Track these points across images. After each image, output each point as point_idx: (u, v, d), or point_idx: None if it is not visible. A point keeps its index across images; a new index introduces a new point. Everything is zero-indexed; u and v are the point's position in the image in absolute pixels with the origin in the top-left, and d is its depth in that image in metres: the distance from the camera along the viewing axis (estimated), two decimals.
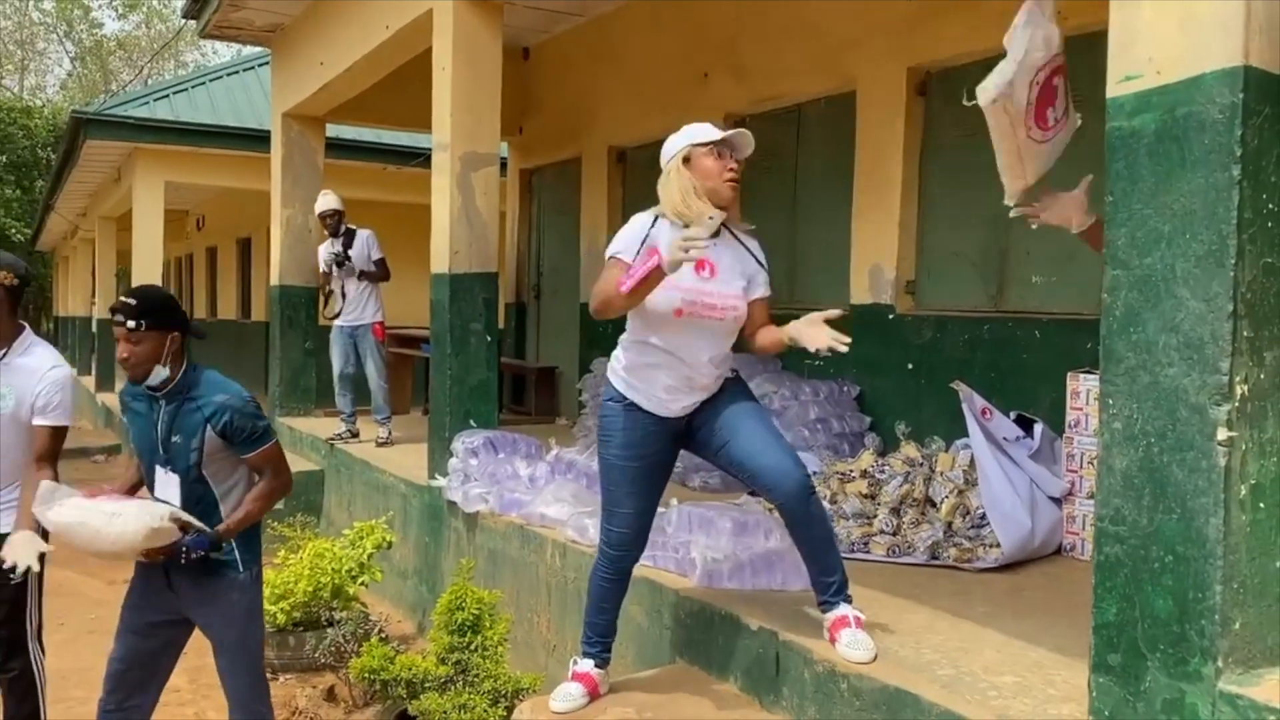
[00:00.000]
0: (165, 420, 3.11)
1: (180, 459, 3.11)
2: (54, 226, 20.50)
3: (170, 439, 3.10)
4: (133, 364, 3.07)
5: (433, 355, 5.61)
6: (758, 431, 3.04)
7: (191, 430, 3.09)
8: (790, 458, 3.01)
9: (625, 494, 3.11)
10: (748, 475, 3.09)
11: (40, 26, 39.70)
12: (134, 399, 3.20)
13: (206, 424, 3.08)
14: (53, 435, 3.48)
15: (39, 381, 3.46)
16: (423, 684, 3.90)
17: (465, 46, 5.29)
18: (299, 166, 8.32)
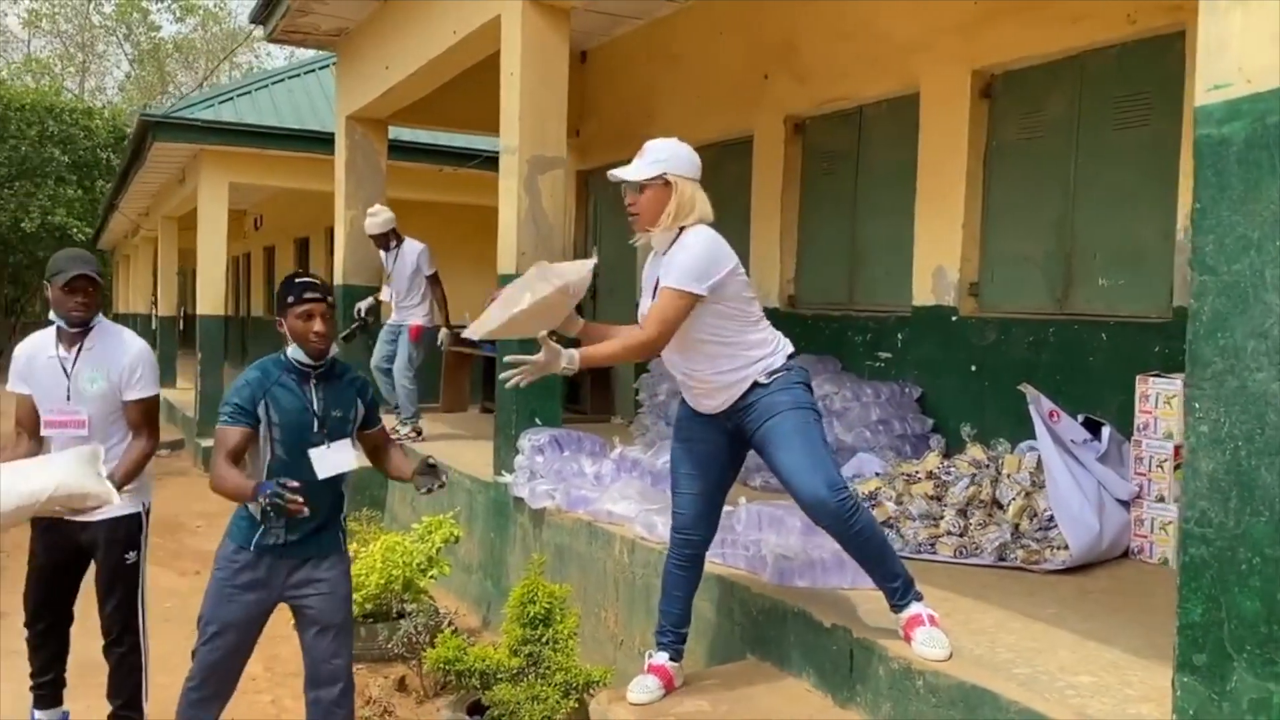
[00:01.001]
0: (321, 398, 3.27)
1: (337, 431, 3.30)
2: (116, 226, 20.98)
3: (330, 414, 3.28)
4: (327, 339, 3.27)
5: (498, 354, 5.71)
6: (792, 450, 3.02)
7: (348, 403, 3.34)
8: (820, 482, 2.96)
9: (681, 475, 3.28)
10: (785, 487, 3.15)
11: (100, 30, 40.58)
12: (279, 384, 3.29)
13: (358, 397, 3.36)
14: (145, 405, 3.78)
15: (123, 360, 3.73)
16: (495, 675, 3.99)
17: (533, 52, 5.39)
18: (362, 168, 8.47)
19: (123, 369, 3.73)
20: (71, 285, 3.65)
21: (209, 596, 3.43)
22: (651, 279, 3.19)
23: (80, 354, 3.72)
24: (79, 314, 3.67)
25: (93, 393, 3.70)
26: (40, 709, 3.94)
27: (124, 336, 3.85)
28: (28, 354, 3.79)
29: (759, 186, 6.90)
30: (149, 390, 3.80)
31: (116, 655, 3.81)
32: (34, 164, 26.69)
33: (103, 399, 3.71)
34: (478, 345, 9.17)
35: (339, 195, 8.57)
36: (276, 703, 4.63)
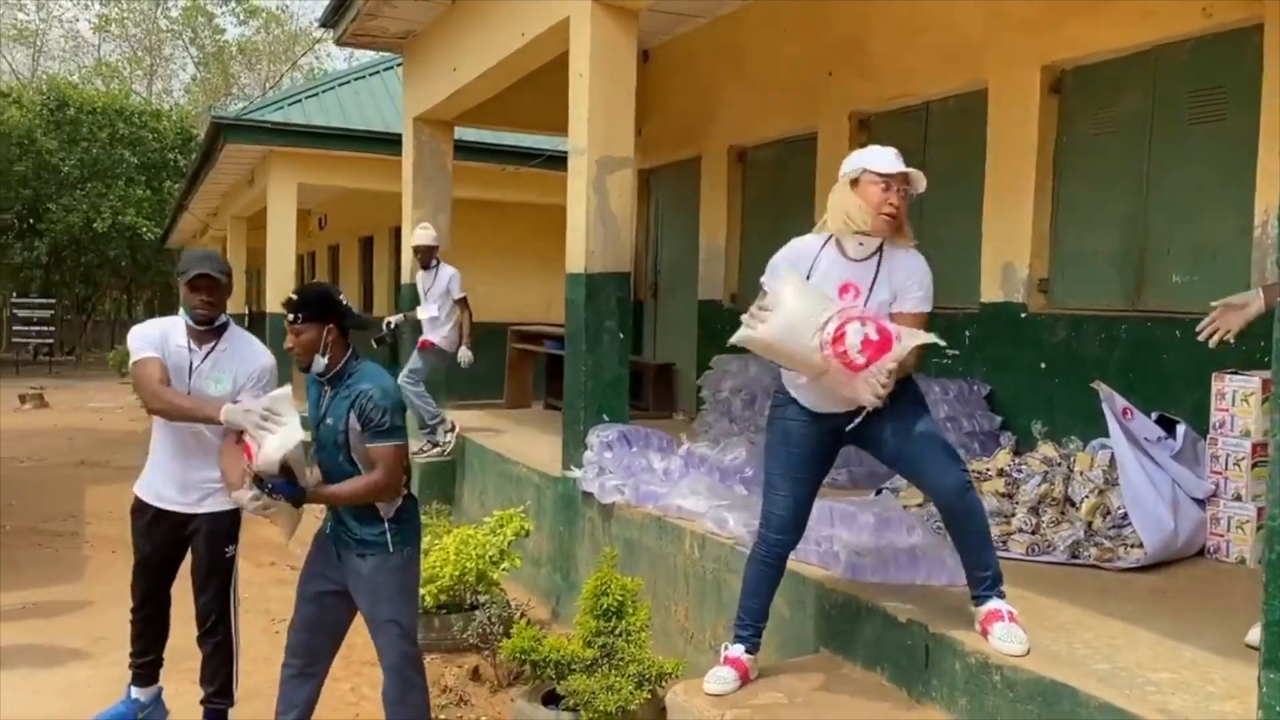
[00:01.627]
0: (325, 404, 3.38)
1: (327, 439, 3.37)
2: (185, 225, 21.52)
3: (324, 421, 3.37)
4: (297, 353, 3.36)
5: (567, 352, 5.81)
6: (927, 442, 3.14)
7: (340, 414, 3.35)
8: (950, 456, 3.14)
9: (782, 479, 3.29)
10: (911, 473, 3.23)
11: (167, 33, 41.55)
12: (310, 385, 3.46)
13: (350, 409, 3.33)
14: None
15: (249, 367, 3.85)
16: (569, 666, 4.08)
17: (602, 53, 5.47)
18: (429, 169, 8.63)
19: (250, 375, 3.83)
20: (194, 284, 3.79)
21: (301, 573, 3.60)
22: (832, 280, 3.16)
23: (210, 355, 3.84)
24: (203, 311, 3.81)
25: (214, 393, 3.78)
26: (138, 686, 4.11)
27: (255, 345, 3.96)
28: (162, 331, 3.87)
29: (823, 184, 6.90)
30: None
31: (211, 644, 3.96)
32: (105, 165, 27.48)
33: (221, 401, 3.77)
34: (540, 342, 9.31)
35: (406, 195, 8.73)
36: (355, 690, 4.76)
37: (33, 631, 5.51)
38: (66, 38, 41.66)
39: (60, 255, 30.38)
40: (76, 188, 27.20)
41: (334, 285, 3.77)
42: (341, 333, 3.38)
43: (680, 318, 8.99)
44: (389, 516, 3.41)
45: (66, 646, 5.26)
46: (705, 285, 8.45)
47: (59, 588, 6.39)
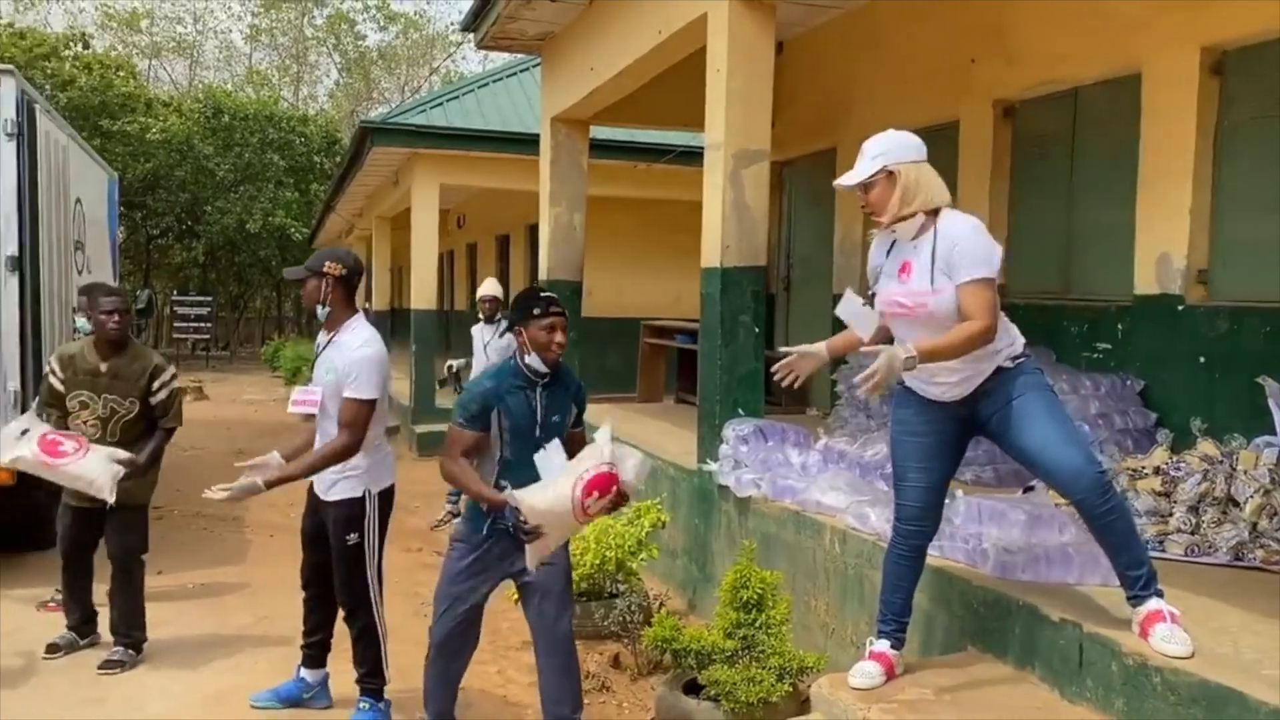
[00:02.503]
0: (543, 403, 3.54)
1: (556, 433, 3.58)
2: (331, 226, 22.45)
3: (550, 418, 3.56)
4: (560, 349, 3.56)
5: (702, 346, 5.85)
6: (1045, 425, 3.08)
7: (565, 408, 3.62)
8: (1080, 453, 3.05)
9: (908, 468, 3.30)
10: (1038, 470, 3.15)
11: (312, 41, 43.33)
12: (509, 392, 3.58)
13: (572, 401, 3.63)
14: (352, 406, 3.98)
15: (348, 358, 4.01)
16: (710, 656, 4.12)
17: (740, 47, 5.48)
18: (565, 167, 8.78)
19: (345, 366, 4.01)
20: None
21: (444, 573, 3.73)
22: (895, 263, 3.23)
23: (328, 345, 4.13)
24: (308, 302, 4.18)
25: (325, 381, 4.07)
26: (307, 668, 4.36)
27: (357, 338, 4.08)
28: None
29: (965, 173, 6.76)
30: (360, 394, 3.97)
31: (356, 629, 4.15)
32: (256, 169, 28.87)
33: (331, 388, 4.06)
34: (672, 336, 9.38)
35: (543, 194, 8.91)
36: (502, 673, 4.92)
37: (203, 610, 5.87)
38: (220, 48, 43.95)
39: (216, 255, 32.09)
40: (231, 191, 28.67)
41: (536, 285, 4.01)
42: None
43: (814, 311, 8.92)
44: None
45: (234, 624, 5.60)
46: (840, 278, 8.37)
47: (223, 569, 6.79)
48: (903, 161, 3.17)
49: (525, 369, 3.57)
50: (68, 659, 4.95)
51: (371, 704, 4.13)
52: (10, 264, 6.04)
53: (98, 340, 4.83)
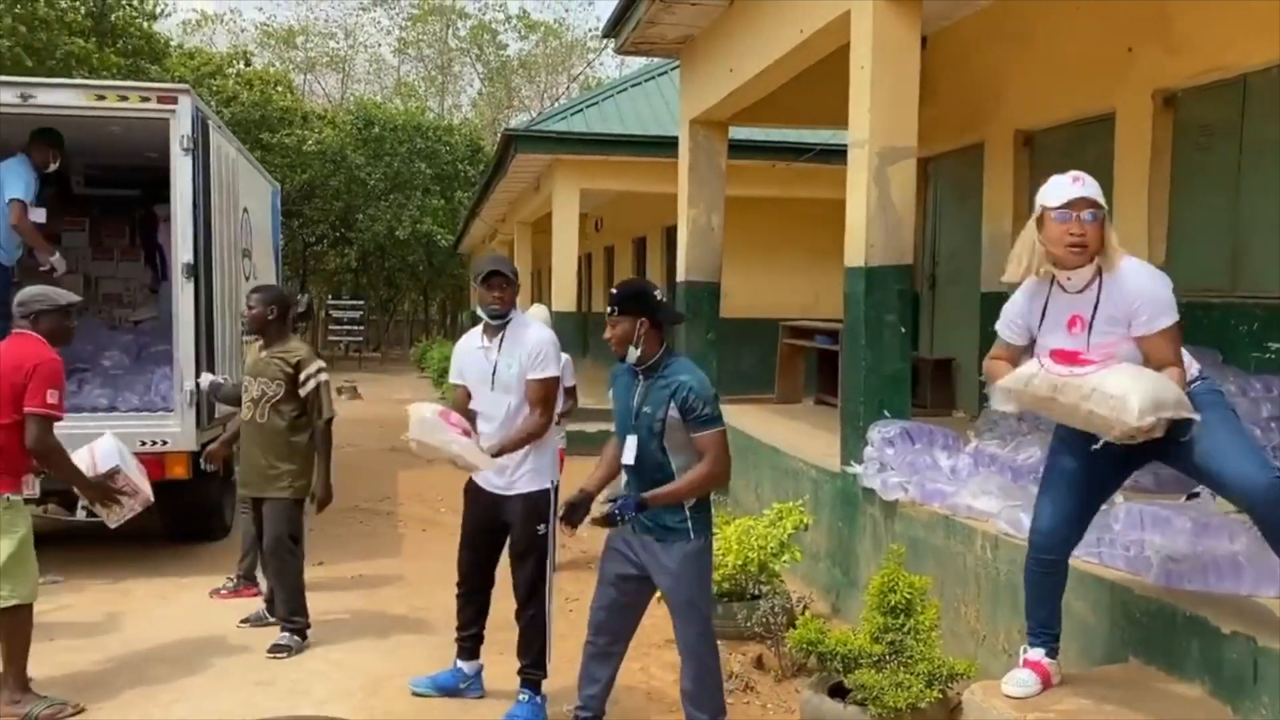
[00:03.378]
0: (640, 393, 3.58)
1: (645, 427, 3.56)
2: (476, 231, 23.10)
3: (641, 409, 3.57)
4: (612, 343, 3.61)
5: (845, 347, 5.79)
6: (1216, 434, 2.95)
7: (658, 403, 3.55)
8: (1254, 460, 2.93)
9: (1053, 482, 3.21)
10: (1209, 479, 3.03)
11: (456, 52, 44.67)
12: (621, 374, 3.71)
13: (670, 399, 3.52)
14: (541, 385, 4.23)
15: (527, 345, 4.20)
16: (857, 660, 4.08)
17: (884, 44, 5.40)
18: (704, 169, 8.82)
19: (528, 351, 4.23)
20: (489, 282, 4.25)
21: (602, 555, 3.84)
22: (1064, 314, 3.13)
23: (501, 344, 4.28)
24: (496, 307, 4.25)
25: (508, 376, 4.23)
26: (462, 659, 4.52)
27: (532, 327, 4.37)
28: (461, 349, 4.46)
29: (1122, 166, 6.48)
30: (548, 371, 4.25)
31: (526, 618, 4.28)
32: (405, 178, 29.95)
33: (517, 382, 4.24)
34: (812, 337, 9.30)
35: (681, 196, 8.97)
36: (645, 670, 4.98)
37: (361, 600, 6.14)
38: (370, 62, 45.58)
39: (367, 260, 33.43)
40: (381, 199, 29.82)
41: (651, 282, 3.99)
42: (654, 326, 3.59)
43: (960, 310, 8.70)
44: (690, 505, 3.56)
45: (391, 614, 5.83)
46: (989, 276, 8.14)
47: (379, 561, 7.08)
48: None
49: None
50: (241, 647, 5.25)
51: (530, 696, 4.25)
52: (186, 271, 6.45)
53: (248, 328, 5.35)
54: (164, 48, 24.53)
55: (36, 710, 4.30)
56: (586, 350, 18.47)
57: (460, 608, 4.50)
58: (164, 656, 5.10)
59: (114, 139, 7.39)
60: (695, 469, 3.54)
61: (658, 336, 3.65)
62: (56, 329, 4.52)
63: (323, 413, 5.21)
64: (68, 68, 19.47)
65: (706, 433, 3.52)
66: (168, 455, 6.35)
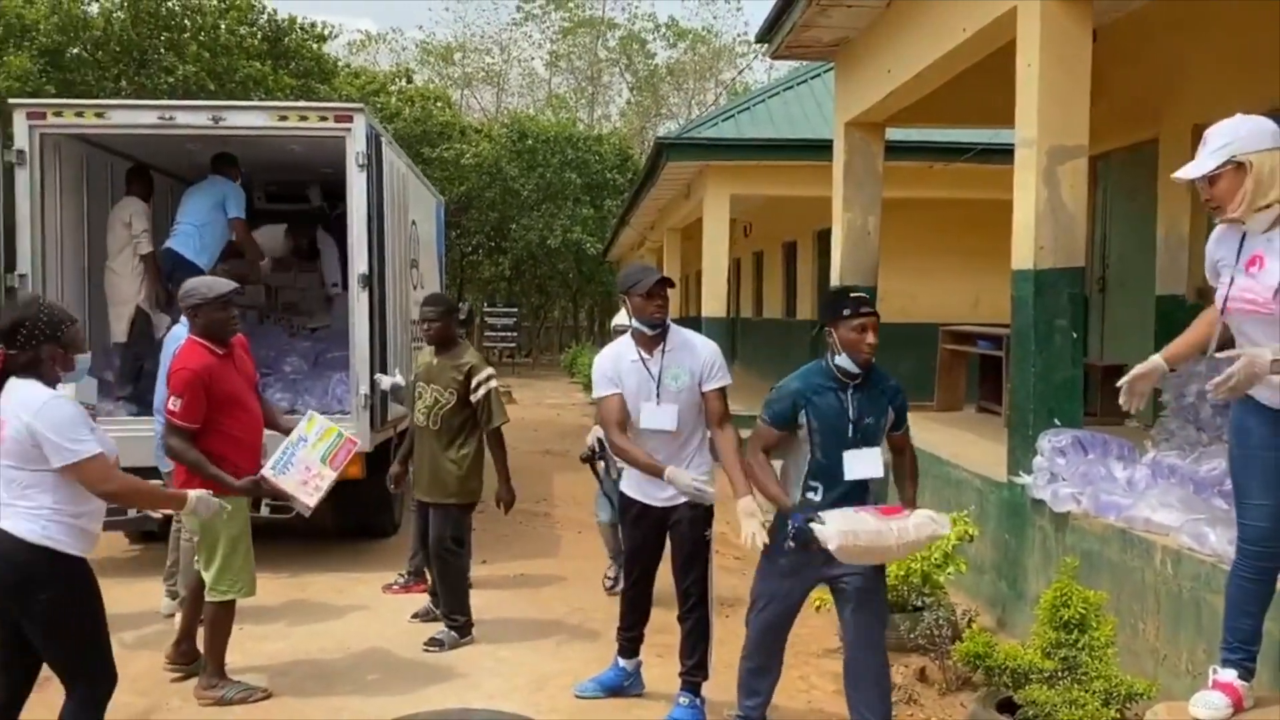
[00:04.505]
0: (856, 405, 3.56)
1: (873, 437, 3.59)
2: (624, 239, 23.40)
3: (864, 420, 3.57)
4: (872, 349, 3.60)
5: (1013, 353, 5.63)
6: None
7: (881, 410, 3.60)
8: None
9: (1251, 487, 3.07)
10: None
11: (605, 62, 45.35)
12: (816, 393, 3.64)
13: (890, 405, 3.61)
14: (721, 395, 4.21)
15: (702, 356, 4.20)
16: (1027, 675, 3.96)
17: (1054, 39, 5.23)
18: (860, 172, 8.70)
19: (702, 363, 4.22)
20: (651, 291, 4.19)
21: (759, 573, 3.82)
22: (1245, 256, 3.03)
23: (665, 355, 4.25)
24: (659, 316, 4.21)
25: (675, 389, 4.21)
26: (623, 657, 4.61)
27: (696, 338, 4.36)
28: (613, 359, 4.36)
29: None
30: (725, 380, 4.27)
31: (690, 622, 4.33)
32: (556, 188, 30.62)
33: (687, 393, 4.21)
34: (974, 342, 9.04)
35: (836, 199, 8.87)
36: (805, 679, 4.96)
37: (523, 599, 6.32)
38: (524, 75, 46.76)
39: (520, 269, 34.30)
40: (534, 209, 30.57)
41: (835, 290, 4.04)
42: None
43: (1133, 315, 8.31)
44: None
45: (552, 614, 5.99)
46: (1164, 279, 7.76)
47: (539, 561, 7.27)
48: (1254, 150, 2.94)
49: (835, 369, 3.60)
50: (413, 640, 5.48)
51: (690, 699, 4.29)
52: (362, 281, 6.79)
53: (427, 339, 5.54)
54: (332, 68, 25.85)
55: (230, 694, 4.60)
56: (735, 356, 18.46)
57: (625, 610, 4.59)
58: (341, 647, 5.38)
59: (293, 157, 7.86)
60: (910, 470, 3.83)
61: None
62: (212, 322, 4.61)
63: (493, 419, 5.36)
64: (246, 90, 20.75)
65: (904, 430, 3.77)
66: None
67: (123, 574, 6.86)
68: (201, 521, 4.30)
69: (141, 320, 7.29)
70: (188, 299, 4.66)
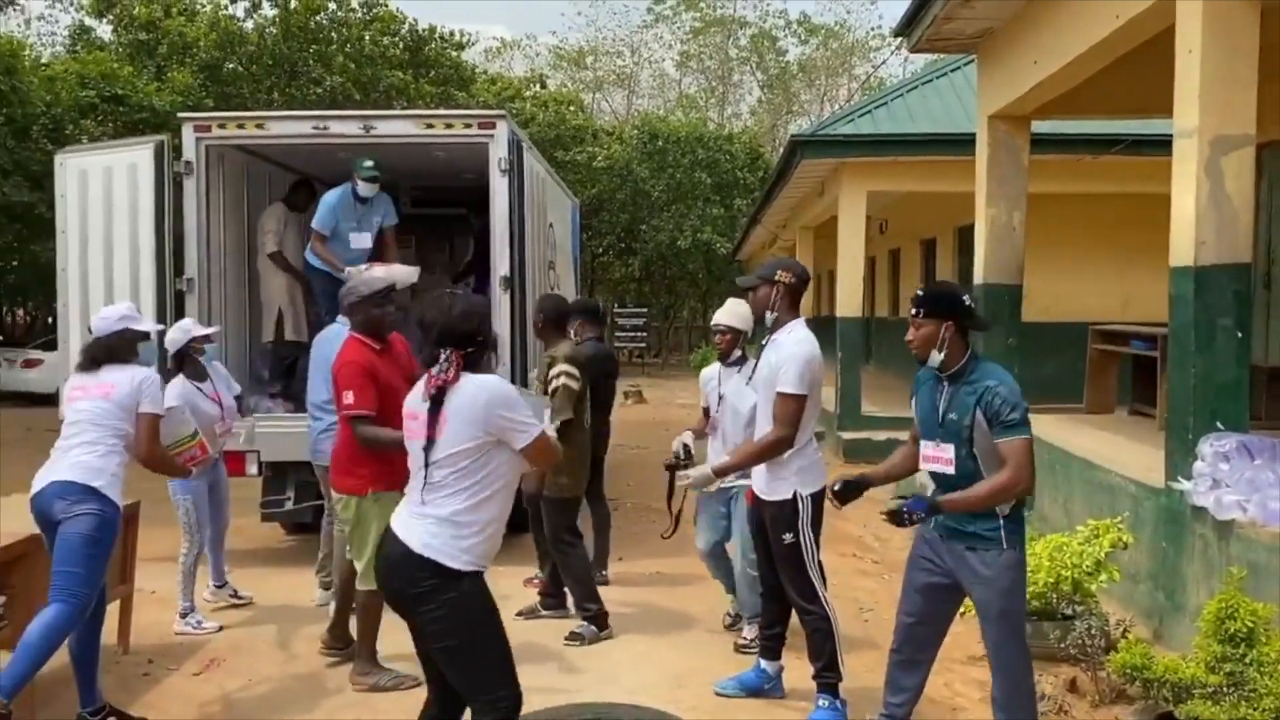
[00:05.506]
0: (946, 400, 3.51)
1: (955, 435, 3.48)
2: (755, 238, 23.29)
3: (948, 416, 3.49)
4: (915, 345, 3.56)
5: (1171, 353, 5.38)
6: None
7: (964, 409, 3.46)
8: None
9: None
10: None
11: (735, 61, 45.19)
12: (923, 383, 3.66)
13: (976, 405, 3.43)
14: (780, 401, 4.20)
15: (781, 355, 4.24)
16: (1189, 689, 3.79)
17: (1218, 24, 4.98)
18: (1004, 166, 8.44)
19: (777, 366, 4.23)
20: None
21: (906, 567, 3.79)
22: None
23: (767, 345, 4.40)
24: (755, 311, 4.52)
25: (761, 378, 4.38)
26: (765, 659, 4.61)
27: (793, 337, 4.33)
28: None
29: None
30: (788, 388, 4.19)
31: (810, 625, 4.30)
32: (686, 188, 30.68)
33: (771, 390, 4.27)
34: (1126, 342, 8.66)
35: (979, 195, 8.63)
36: (949, 685, 4.85)
37: (660, 596, 6.38)
38: (654, 77, 46.98)
39: (650, 270, 34.49)
40: (664, 210, 30.72)
41: (959, 286, 3.90)
42: (960, 331, 3.50)
43: None
44: (1005, 513, 3.45)
45: (689, 611, 6.02)
46: None
47: (674, 560, 7.28)
48: None
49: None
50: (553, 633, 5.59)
51: (830, 700, 4.26)
52: (504, 283, 6.96)
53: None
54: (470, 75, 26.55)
55: (383, 681, 4.79)
56: (870, 356, 18.15)
57: (763, 608, 4.58)
58: None
59: (437, 163, 8.11)
60: (995, 476, 3.45)
61: (963, 341, 3.57)
62: (370, 318, 4.80)
63: (555, 415, 5.39)
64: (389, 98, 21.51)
65: (1010, 439, 3.41)
66: None
67: (280, 564, 7.22)
68: (358, 512, 4.53)
69: (283, 321, 7.68)
70: (346, 296, 4.89)
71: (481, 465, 3.07)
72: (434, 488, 3.09)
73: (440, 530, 3.06)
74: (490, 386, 3.11)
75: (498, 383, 3.16)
